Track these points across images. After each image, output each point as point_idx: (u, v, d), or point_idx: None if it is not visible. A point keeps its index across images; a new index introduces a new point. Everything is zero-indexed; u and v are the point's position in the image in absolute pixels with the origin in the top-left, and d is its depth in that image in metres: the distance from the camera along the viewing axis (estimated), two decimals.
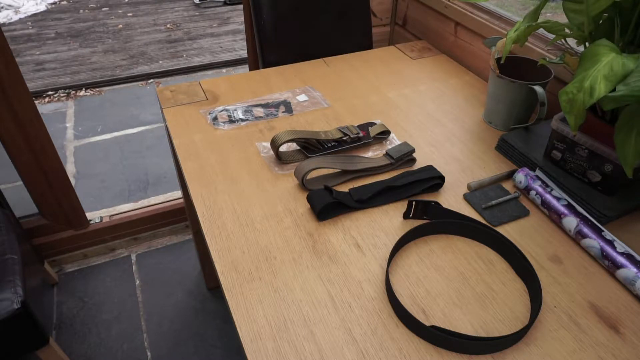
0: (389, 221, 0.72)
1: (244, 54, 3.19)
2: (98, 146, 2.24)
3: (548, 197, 0.72)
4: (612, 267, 0.63)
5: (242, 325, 0.57)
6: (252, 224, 0.71)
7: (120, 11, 3.87)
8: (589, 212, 0.72)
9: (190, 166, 0.82)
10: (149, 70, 2.96)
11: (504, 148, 0.86)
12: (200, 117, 0.94)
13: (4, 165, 1.38)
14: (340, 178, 0.80)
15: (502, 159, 0.85)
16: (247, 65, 2.06)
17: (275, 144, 0.80)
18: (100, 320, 1.42)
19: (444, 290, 0.62)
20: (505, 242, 0.66)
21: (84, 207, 1.54)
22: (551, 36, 0.96)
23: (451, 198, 0.77)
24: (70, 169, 2.07)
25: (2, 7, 3.82)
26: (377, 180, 0.78)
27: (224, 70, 3.07)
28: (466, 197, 0.76)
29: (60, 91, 2.71)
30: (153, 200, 1.84)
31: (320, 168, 0.77)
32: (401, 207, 0.75)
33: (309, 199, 0.73)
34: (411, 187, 0.77)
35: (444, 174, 0.80)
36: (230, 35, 3.47)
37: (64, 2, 4.04)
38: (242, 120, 0.94)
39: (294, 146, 0.86)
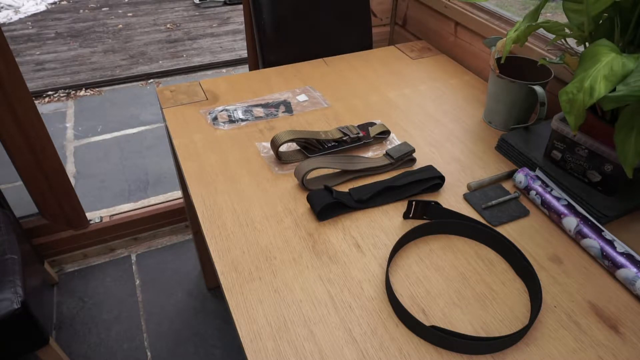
0: (389, 221, 0.72)
1: (244, 54, 3.19)
2: (98, 146, 2.24)
3: (548, 197, 0.72)
4: (612, 267, 0.63)
5: (242, 325, 0.57)
6: (252, 224, 0.71)
7: (120, 11, 3.87)
8: (589, 212, 0.72)
9: (190, 166, 0.82)
10: (149, 70, 2.96)
11: (504, 148, 0.86)
12: (200, 117, 0.94)
13: (4, 165, 1.38)
14: (340, 178, 0.80)
15: (502, 159, 0.85)
16: (247, 65, 2.06)
17: (275, 144, 0.80)
18: (100, 320, 1.42)
19: (444, 290, 0.62)
20: (505, 242, 0.66)
21: (84, 207, 1.54)
22: (551, 36, 0.96)
23: (451, 198, 0.77)
24: (70, 169, 2.07)
25: (2, 7, 3.82)
26: (377, 180, 0.78)
27: (224, 70, 3.07)
28: (466, 197, 0.76)
29: (60, 91, 2.71)
30: (153, 200, 1.85)
31: (320, 168, 0.77)
32: (401, 207, 0.75)
33: (309, 199, 0.73)
34: (411, 187, 0.77)
35: (444, 174, 0.80)
36: (230, 35, 3.47)
37: (64, 2, 4.04)
38: (242, 120, 0.94)
39: (294, 146, 0.86)
